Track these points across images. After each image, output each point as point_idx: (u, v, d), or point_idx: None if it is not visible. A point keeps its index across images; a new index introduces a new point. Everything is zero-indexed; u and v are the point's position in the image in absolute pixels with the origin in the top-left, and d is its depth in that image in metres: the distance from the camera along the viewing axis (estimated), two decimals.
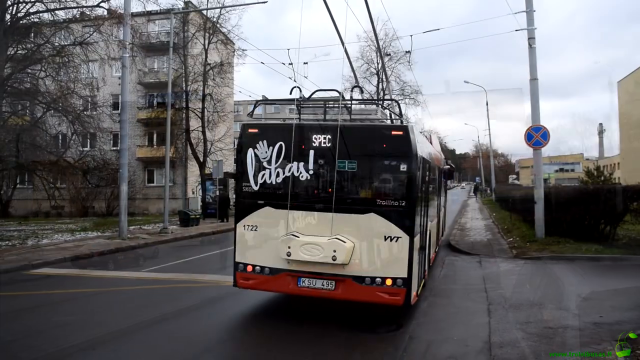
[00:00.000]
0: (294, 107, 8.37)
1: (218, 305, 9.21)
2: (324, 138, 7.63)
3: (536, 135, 16.36)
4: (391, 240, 7.30)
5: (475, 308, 8.63)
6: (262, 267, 7.78)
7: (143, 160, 40.24)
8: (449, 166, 17.15)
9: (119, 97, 26.61)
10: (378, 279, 7.29)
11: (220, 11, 32.44)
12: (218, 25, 33.35)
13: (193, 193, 38.67)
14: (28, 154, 23.43)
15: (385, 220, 7.34)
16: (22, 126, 24.37)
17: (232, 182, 36.84)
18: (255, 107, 8.52)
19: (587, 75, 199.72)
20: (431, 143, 11.79)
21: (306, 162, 7.67)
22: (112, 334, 7.34)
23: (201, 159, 33.22)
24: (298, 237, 7.41)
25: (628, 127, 64.15)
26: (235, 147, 8.23)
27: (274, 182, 7.82)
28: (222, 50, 34.54)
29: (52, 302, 9.51)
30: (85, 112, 26.09)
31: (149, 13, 31.24)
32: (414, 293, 7.77)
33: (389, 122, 8.65)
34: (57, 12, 19.77)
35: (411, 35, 19.74)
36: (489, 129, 65.26)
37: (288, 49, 22.10)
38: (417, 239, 7.85)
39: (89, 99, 28.50)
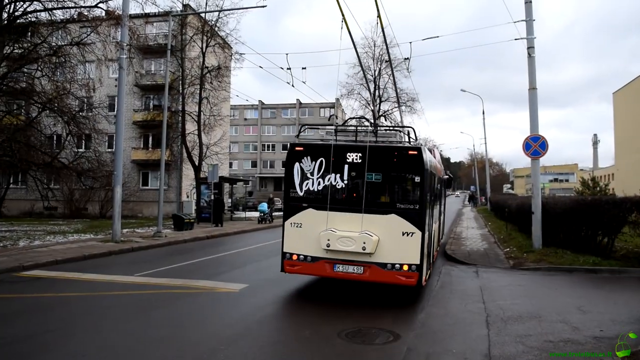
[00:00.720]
0: (332, 130, 10.35)
1: (208, 311, 9.03)
2: (356, 155, 9.58)
3: (534, 145, 16.31)
4: (407, 235, 9.20)
5: (473, 319, 8.50)
6: (305, 256, 9.69)
7: (138, 162, 40.06)
8: (447, 176, 19.49)
9: (115, 99, 26.51)
10: (397, 265, 9.16)
11: (219, 14, 32.31)
12: (216, 29, 33.22)
13: (187, 197, 38.47)
14: (22, 153, 23.19)
15: (403, 219, 9.25)
16: (17, 126, 24.14)
17: (227, 187, 36.76)
18: (300, 131, 10.76)
19: (584, 86, 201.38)
20: (434, 157, 13.38)
21: (342, 174, 9.68)
22: (104, 339, 7.18)
23: (196, 163, 32.99)
24: (335, 232, 9.32)
25: (623, 138, 64.37)
26: (284, 161, 10.28)
27: (315, 189, 9.81)
28: (220, 53, 34.39)
29: (42, 306, 9.32)
30: (80, 113, 25.83)
31: (147, 15, 31.11)
32: (424, 277, 9.65)
33: (406, 143, 10.24)
34: (54, 11, 19.57)
35: (410, 42, 19.67)
36: (485, 138, 65.02)
37: (287, 54, 21.95)
38: (426, 235, 9.66)
39: (85, 99, 28.21)
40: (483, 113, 52.67)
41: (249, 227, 28.76)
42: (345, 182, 9.66)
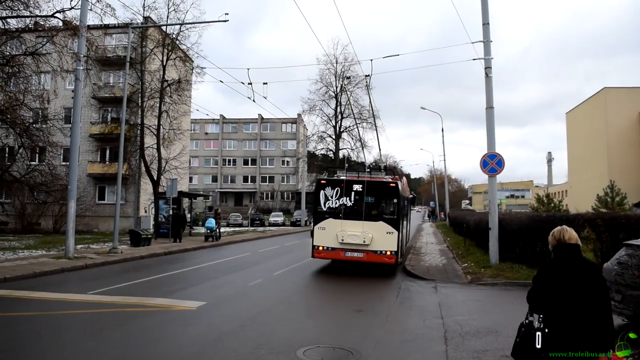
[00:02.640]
0: (344, 171, 17.74)
1: (164, 330, 8.78)
2: (359, 186, 15.74)
3: (491, 163, 16.65)
4: (389, 233, 15.28)
5: (432, 335, 8.53)
6: (327, 247, 15.67)
7: (94, 176, 39.07)
8: (412, 195, 27.04)
9: (71, 111, 25.89)
10: (383, 251, 15.20)
11: (180, 28, 32.01)
12: (177, 42, 32.88)
13: (146, 212, 37.65)
14: None
15: (387, 224, 15.41)
16: None
17: (186, 202, 36.14)
18: (325, 172, 14.87)
19: (541, 106, 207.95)
20: (404, 183, 19.19)
21: (350, 197, 15.76)
22: None
23: (155, 177, 32.37)
24: (346, 231, 15.31)
25: (576, 156, 66.53)
26: (313, 189, 16.99)
27: (334, 206, 15.85)
28: (181, 67, 34.02)
29: None
30: (34, 125, 25.16)
31: (106, 26, 30.58)
32: (399, 259, 16.29)
33: (388, 178, 16.78)
34: (8, 20, 19.01)
35: (371, 60, 19.95)
36: (444, 155, 66.25)
37: (248, 69, 21.97)
38: (401, 234, 15.98)
39: (39, 111, 27.51)
40: (442, 130, 53.72)
41: (207, 243, 28.32)
42: (352, 202, 15.68)
